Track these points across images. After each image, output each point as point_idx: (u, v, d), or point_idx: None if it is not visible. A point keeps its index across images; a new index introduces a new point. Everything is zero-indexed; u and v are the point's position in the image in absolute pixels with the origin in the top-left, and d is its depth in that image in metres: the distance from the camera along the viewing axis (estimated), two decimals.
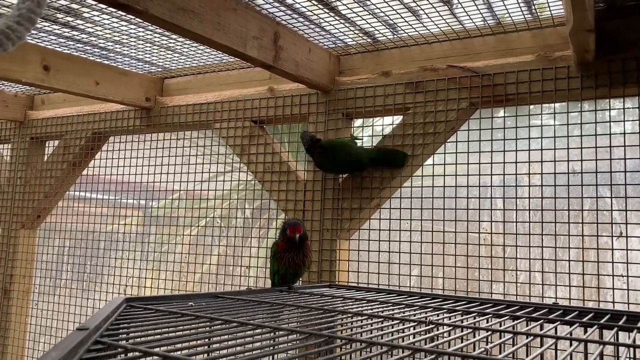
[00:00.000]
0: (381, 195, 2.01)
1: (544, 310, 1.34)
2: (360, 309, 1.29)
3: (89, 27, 2.02)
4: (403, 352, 0.83)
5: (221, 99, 2.44)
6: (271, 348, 0.88)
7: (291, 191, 2.20)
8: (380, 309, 1.30)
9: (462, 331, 1.06)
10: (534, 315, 1.27)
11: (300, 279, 1.84)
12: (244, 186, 3.08)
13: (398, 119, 2.04)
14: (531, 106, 1.83)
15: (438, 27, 1.90)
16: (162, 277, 2.50)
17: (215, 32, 1.49)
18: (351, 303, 1.40)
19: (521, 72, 1.83)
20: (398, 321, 1.13)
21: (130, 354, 0.71)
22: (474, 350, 0.84)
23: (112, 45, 2.23)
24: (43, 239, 3.04)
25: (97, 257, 2.79)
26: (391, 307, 1.35)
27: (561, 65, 1.77)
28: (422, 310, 1.32)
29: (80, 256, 2.86)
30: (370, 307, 1.33)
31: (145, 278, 2.53)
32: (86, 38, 2.15)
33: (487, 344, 0.95)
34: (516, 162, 1.80)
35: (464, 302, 1.47)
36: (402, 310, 1.32)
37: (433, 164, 1.93)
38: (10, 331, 2.93)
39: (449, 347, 0.84)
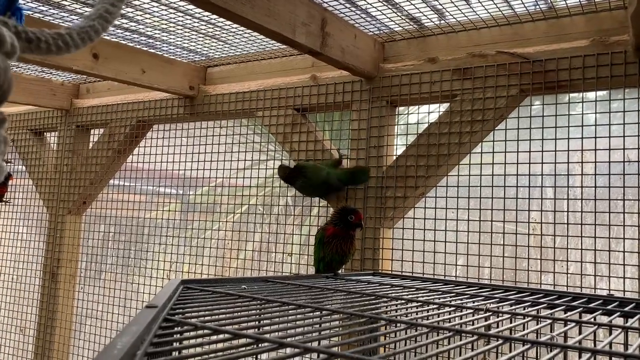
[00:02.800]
0: (426, 183, 1.99)
1: (599, 302, 1.31)
2: (411, 296, 1.28)
3: (138, 15, 2.05)
4: (461, 337, 0.82)
5: (264, 87, 2.45)
6: (338, 330, 0.88)
7: None
8: (432, 297, 1.29)
9: (511, 320, 1.04)
10: (590, 305, 1.24)
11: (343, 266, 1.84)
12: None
13: (444, 106, 2.01)
14: (585, 93, 1.78)
15: (488, 12, 1.86)
16: (205, 262, 2.53)
17: (266, 18, 1.50)
18: (401, 290, 1.40)
19: (574, 58, 1.77)
20: (453, 308, 1.12)
21: (200, 331, 0.72)
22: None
23: (158, 34, 2.25)
24: (88, 225, 3.12)
25: (141, 242, 2.85)
26: (441, 295, 1.34)
27: (618, 50, 1.71)
28: (474, 299, 1.30)
29: (124, 242, 2.92)
30: (421, 295, 1.32)
31: (189, 264, 2.57)
32: (134, 26, 2.18)
33: (536, 333, 0.93)
34: (568, 151, 1.75)
35: (513, 292, 1.44)
36: (453, 298, 1.30)
37: (481, 152, 1.90)
38: (57, 313, 3.02)
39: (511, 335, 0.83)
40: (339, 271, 1.73)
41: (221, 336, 0.72)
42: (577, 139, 1.75)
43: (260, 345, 0.68)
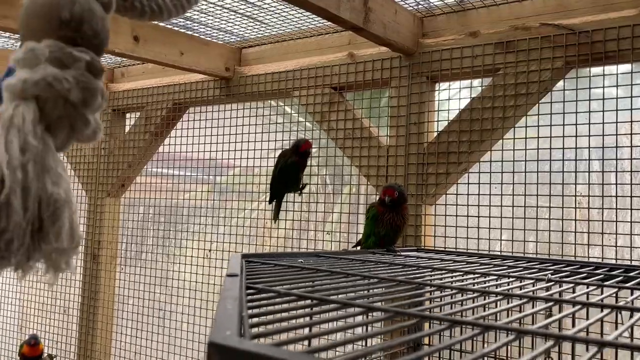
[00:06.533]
0: (469, 159, 1.98)
1: None
2: (467, 268, 1.28)
3: None
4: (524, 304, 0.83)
5: (300, 67, 2.44)
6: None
7: (373, 157, 2.20)
8: (487, 269, 1.30)
9: (560, 294, 1.04)
10: None
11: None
12: (318, 153, 3.09)
13: (487, 80, 1.99)
14: (634, 64, 1.74)
15: None
16: (245, 242, 2.57)
17: None
18: (452, 263, 1.40)
19: (623, 28, 1.74)
20: (515, 278, 1.13)
21: (285, 298, 0.74)
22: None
23: (196, 15, 2.26)
24: (127, 207, 3.17)
25: (180, 223, 2.90)
26: (494, 268, 1.34)
27: None
28: (528, 271, 1.30)
29: (162, 223, 2.97)
30: (476, 267, 1.33)
31: (229, 243, 2.61)
32: None
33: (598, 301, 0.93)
34: (617, 122, 1.73)
35: (563, 265, 1.44)
36: (507, 271, 1.31)
37: (526, 126, 1.88)
38: (99, 294, 3.10)
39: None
40: (392, 246, 1.72)
41: (302, 302, 0.74)
42: (626, 110, 1.72)
43: (347, 310, 0.70)
